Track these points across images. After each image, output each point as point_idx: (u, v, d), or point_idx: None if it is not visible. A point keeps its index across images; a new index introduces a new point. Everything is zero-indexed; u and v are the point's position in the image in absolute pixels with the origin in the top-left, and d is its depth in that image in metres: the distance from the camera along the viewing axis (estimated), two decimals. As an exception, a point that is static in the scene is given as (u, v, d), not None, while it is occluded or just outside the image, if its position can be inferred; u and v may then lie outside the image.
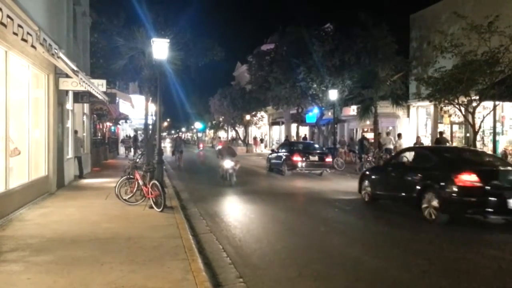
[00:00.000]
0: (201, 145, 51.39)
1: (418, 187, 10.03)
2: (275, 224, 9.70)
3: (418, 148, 15.09)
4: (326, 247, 7.64)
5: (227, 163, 15.98)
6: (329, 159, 20.33)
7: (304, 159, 19.57)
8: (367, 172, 13.16)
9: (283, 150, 21.37)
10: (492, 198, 8.95)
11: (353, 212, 11.32)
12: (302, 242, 7.98)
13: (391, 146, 21.32)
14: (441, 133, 20.43)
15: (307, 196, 14.39)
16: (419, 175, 10.37)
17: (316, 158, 19.95)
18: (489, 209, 9.03)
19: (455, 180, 9.17)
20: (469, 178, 9.06)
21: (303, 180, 18.19)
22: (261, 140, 49.85)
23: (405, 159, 11.94)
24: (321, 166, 19.83)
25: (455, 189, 9.17)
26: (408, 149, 13.33)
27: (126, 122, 39.69)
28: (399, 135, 22.76)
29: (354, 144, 26.65)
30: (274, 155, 22.21)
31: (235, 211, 11.42)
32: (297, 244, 7.81)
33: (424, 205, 9.70)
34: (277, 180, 18.43)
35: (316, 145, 24.32)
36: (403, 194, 10.70)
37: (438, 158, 10.67)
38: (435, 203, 9.44)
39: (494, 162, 10.90)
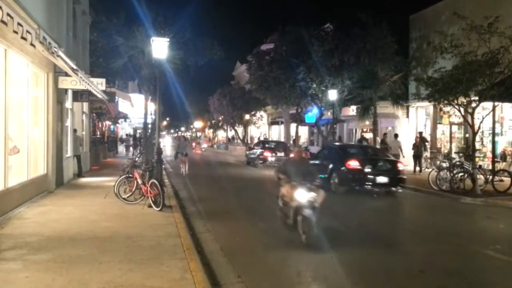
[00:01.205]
0: (193, 144, 52.41)
1: (329, 170, 14.79)
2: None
3: (331, 145, 19.74)
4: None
5: (301, 194, 7.64)
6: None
7: (272, 154, 25.46)
8: None
9: (258, 148, 27.37)
10: (368, 176, 13.90)
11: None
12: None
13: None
14: (420, 133, 22.16)
15: (263, 179, 18.53)
16: (330, 162, 15.14)
17: (282, 154, 25.45)
18: (367, 183, 14.02)
19: (346, 165, 14.18)
20: (353, 164, 14.14)
21: (269, 170, 20.71)
22: None
23: (325, 152, 17.18)
24: None
25: (346, 171, 14.12)
26: (326, 146, 20.02)
27: (125, 121, 39.69)
28: (396, 135, 22.70)
29: None
30: (251, 151, 28.10)
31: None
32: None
33: (332, 182, 14.27)
34: (249, 170, 23.99)
35: (284, 144, 30.59)
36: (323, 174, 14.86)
37: (341, 152, 16.17)
38: (336, 180, 14.27)
39: (377, 154, 16.26)
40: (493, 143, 17.91)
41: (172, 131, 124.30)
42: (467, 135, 20.52)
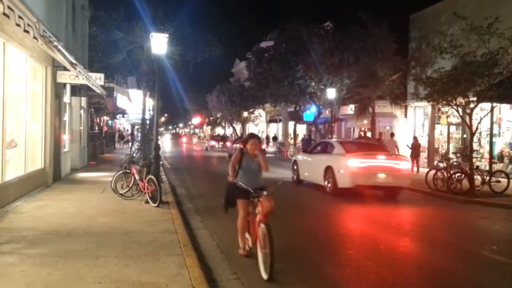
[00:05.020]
0: (184, 138, 55.04)
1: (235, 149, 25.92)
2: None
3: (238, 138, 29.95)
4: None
5: None
6: (232, 144, 34.39)
7: (218, 143, 43.28)
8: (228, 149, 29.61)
9: (210, 139, 46.43)
10: None
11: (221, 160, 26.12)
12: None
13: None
14: (380, 133, 24.54)
15: (205, 155, 31.10)
16: (238, 146, 26.29)
17: (222, 143, 41.49)
18: None
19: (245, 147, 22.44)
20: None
21: (216, 152, 36.56)
22: (274, 138, 44.29)
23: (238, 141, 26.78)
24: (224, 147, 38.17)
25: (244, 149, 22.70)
26: (240, 137, 26.40)
27: (123, 116, 39.66)
28: (392, 135, 22.64)
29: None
30: (208, 142, 46.47)
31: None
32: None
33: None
34: (203, 152, 38.88)
35: (225, 137, 48.12)
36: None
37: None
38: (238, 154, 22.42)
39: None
40: (491, 144, 17.94)
41: (170, 127, 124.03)
42: (465, 136, 20.56)
